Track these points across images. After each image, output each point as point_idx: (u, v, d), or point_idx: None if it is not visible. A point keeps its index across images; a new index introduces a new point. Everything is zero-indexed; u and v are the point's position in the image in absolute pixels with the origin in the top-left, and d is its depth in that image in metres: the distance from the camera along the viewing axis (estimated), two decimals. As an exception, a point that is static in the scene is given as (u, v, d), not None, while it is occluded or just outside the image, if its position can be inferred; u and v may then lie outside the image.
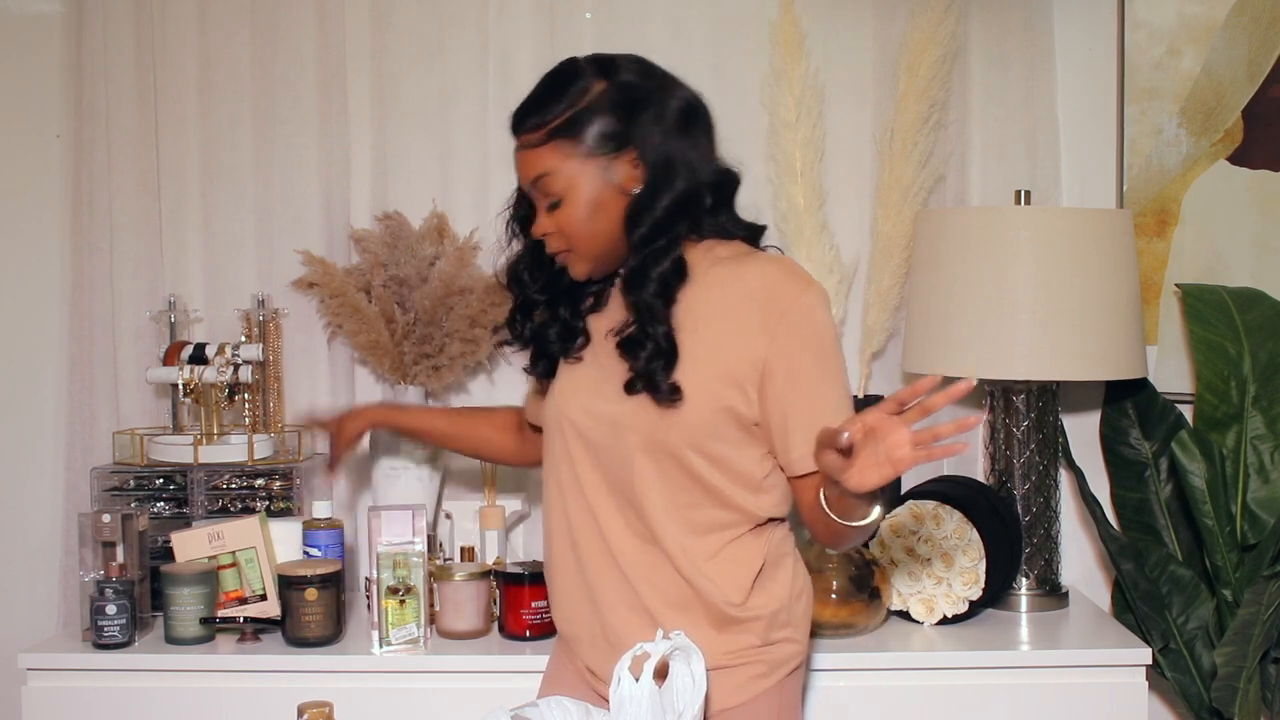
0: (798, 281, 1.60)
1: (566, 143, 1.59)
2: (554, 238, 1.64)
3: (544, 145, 1.60)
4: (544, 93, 1.62)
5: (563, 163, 1.60)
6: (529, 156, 1.62)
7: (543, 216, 1.64)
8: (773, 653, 1.66)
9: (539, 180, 1.62)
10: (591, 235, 1.63)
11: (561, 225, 1.62)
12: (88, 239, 2.50)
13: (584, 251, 1.64)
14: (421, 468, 2.36)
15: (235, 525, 2.18)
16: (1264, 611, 2.11)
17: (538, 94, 1.63)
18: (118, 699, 2.08)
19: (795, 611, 1.69)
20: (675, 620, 1.62)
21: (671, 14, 2.50)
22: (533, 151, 1.61)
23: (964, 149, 2.50)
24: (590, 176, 1.60)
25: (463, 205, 2.51)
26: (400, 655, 2.08)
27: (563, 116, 1.59)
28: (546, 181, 1.61)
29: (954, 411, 2.54)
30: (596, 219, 1.62)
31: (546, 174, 1.60)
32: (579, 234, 1.62)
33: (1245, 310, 2.35)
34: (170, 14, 2.51)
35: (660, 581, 1.64)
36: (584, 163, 1.60)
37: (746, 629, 1.64)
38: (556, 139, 1.60)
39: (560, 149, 1.60)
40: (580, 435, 1.66)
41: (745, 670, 1.65)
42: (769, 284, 1.59)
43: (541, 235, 1.65)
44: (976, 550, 2.21)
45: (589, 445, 1.66)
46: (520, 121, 1.63)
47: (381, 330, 2.39)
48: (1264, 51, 2.43)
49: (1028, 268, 2.20)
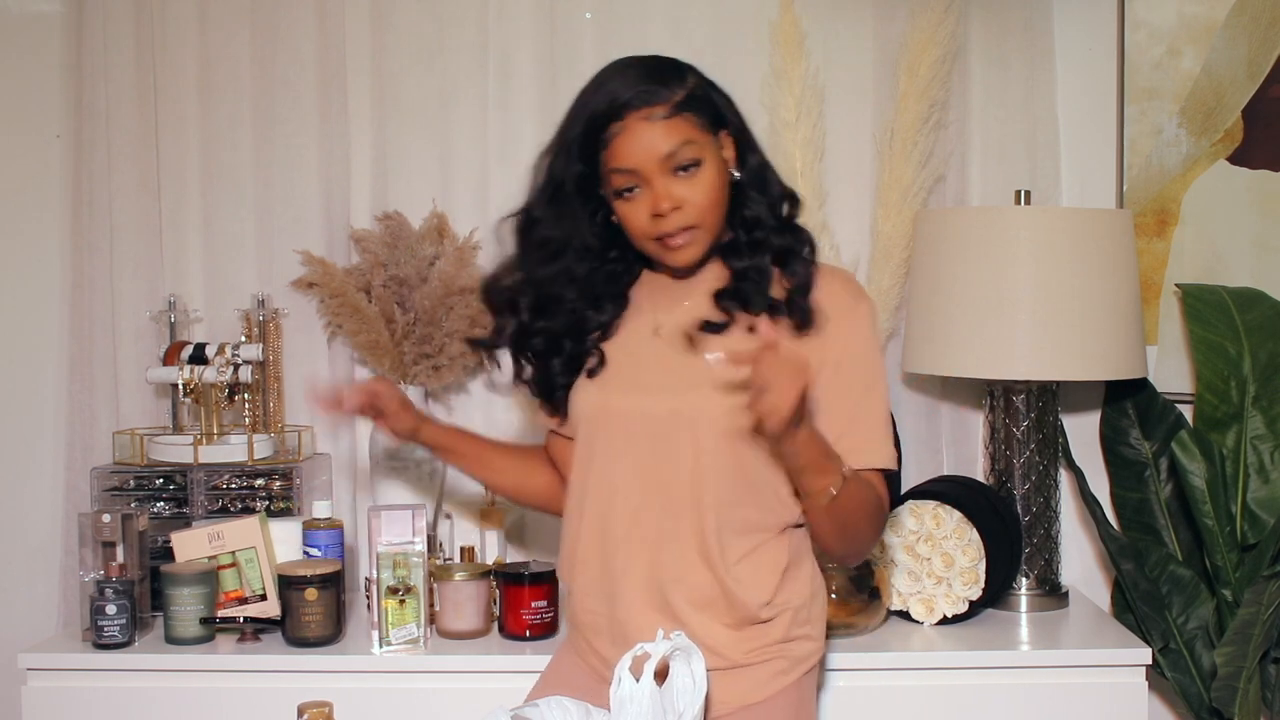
0: (856, 292, 1.71)
1: (693, 115, 1.63)
2: (680, 213, 1.63)
3: (675, 116, 1.61)
4: (657, 72, 1.64)
5: (695, 133, 1.62)
6: (661, 128, 1.61)
7: (676, 187, 1.62)
8: (793, 649, 1.70)
9: (675, 152, 1.61)
10: (720, 211, 1.66)
11: (697, 199, 1.63)
12: (88, 239, 2.49)
13: (710, 224, 1.66)
14: (421, 467, 2.36)
15: (235, 525, 2.18)
16: (1264, 611, 2.11)
17: (649, 75, 1.63)
18: (118, 699, 2.08)
19: (813, 610, 1.73)
20: (696, 620, 1.65)
21: (671, 14, 2.50)
22: (665, 123, 1.61)
23: (964, 149, 2.50)
24: (714, 153, 1.65)
25: (463, 205, 2.51)
26: (400, 655, 2.08)
27: (682, 93, 1.63)
28: (684, 152, 1.61)
29: (954, 411, 2.54)
30: (722, 196, 1.66)
31: (685, 144, 1.61)
32: (711, 205, 1.64)
33: (1245, 310, 2.35)
34: (170, 14, 2.51)
35: (690, 580, 1.66)
36: (707, 136, 1.64)
37: (770, 626, 1.67)
38: (685, 111, 1.62)
39: (689, 120, 1.62)
40: (627, 431, 1.68)
41: (767, 667, 1.68)
42: (830, 294, 1.68)
43: (668, 211, 1.63)
44: (976, 550, 2.21)
45: (637, 441, 1.67)
46: (645, 94, 1.61)
47: (381, 330, 2.39)
48: (1264, 51, 2.43)
49: (1028, 268, 2.20)
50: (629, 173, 1.62)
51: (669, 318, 1.72)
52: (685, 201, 1.62)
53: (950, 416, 2.54)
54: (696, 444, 1.64)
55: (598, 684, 1.69)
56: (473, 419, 2.52)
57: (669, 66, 1.66)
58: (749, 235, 1.69)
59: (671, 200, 1.62)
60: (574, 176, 1.65)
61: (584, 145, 1.63)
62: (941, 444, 2.53)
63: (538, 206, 1.70)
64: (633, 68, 1.65)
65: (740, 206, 1.69)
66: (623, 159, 1.62)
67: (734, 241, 1.70)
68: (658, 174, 1.62)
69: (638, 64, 1.66)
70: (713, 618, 1.66)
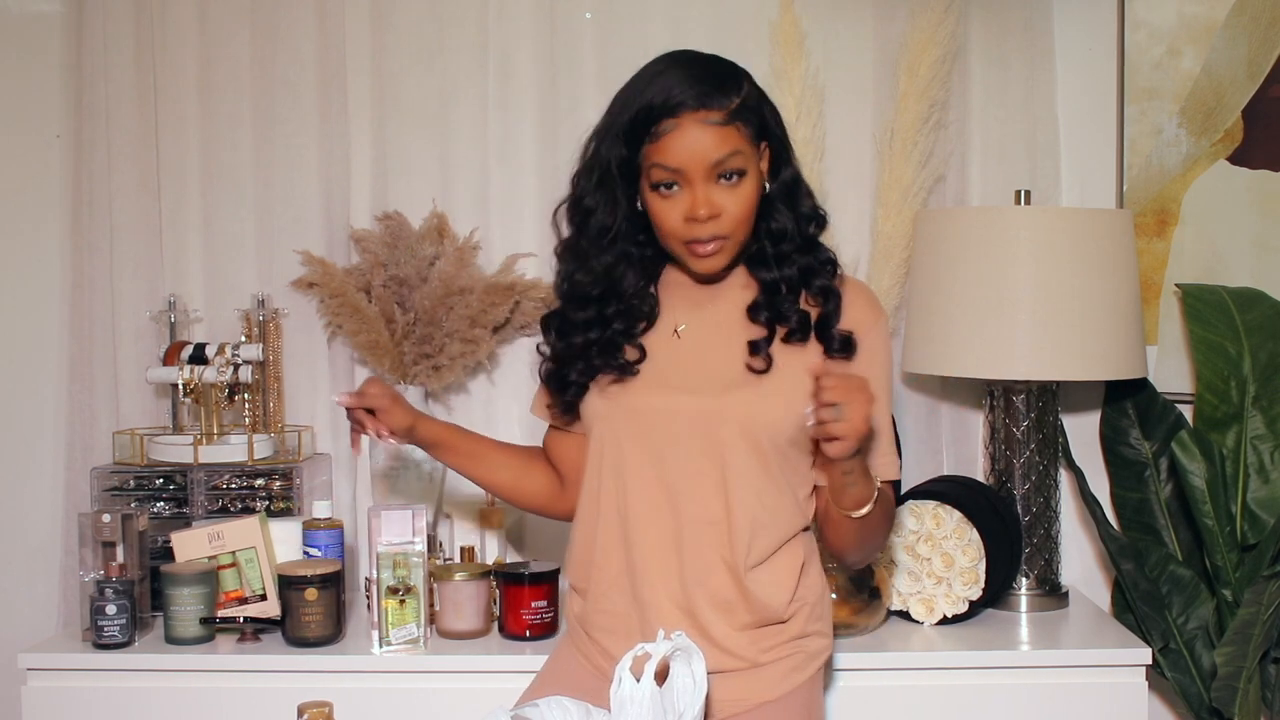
0: (875, 308, 1.74)
1: (745, 124, 1.62)
2: (716, 222, 1.63)
3: (729, 125, 1.61)
4: (717, 75, 1.62)
5: (744, 144, 1.62)
6: (715, 133, 1.60)
7: (708, 199, 1.62)
8: (807, 645, 1.72)
9: (725, 160, 1.61)
10: (751, 217, 1.66)
11: (734, 209, 1.63)
12: (88, 239, 2.49)
13: (739, 236, 1.66)
14: (421, 467, 2.36)
15: (235, 525, 2.18)
16: (1264, 611, 2.11)
17: (709, 76, 1.62)
18: (118, 699, 2.08)
19: (824, 606, 1.76)
20: (717, 621, 1.67)
21: (671, 14, 2.50)
22: (719, 129, 1.60)
23: (964, 149, 2.50)
24: (754, 165, 1.65)
25: (463, 205, 2.51)
26: (400, 655, 2.08)
27: (738, 100, 1.62)
28: (733, 161, 1.61)
29: (954, 411, 2.54)
30: (757, 203, 1.66)
31: (735, 153, 1.61)
32: (745, 217, 1.65)
33: (1245, 310, 2.35)
34: (170, 14, 2.51)
35: (712, 582, 1.68)
36: (752, 148, 1.64)
37: (788, 625, 1.70)
38: (738, 120, 1.61)
39: (741, 129, 1.62)
40: (648, 432, 1.68)
41: (783, 664, 1.70)
42: (854, 309, 1.71)
43: (706, 217, 1.62)
44: (976, 550, 2.21)
45: (659, 442, 1.67)
46: (704, 96, 1.60)
47: (381, 330, 2.39)
48: (1264, 51, 2.43)
49: (1028, 268, 2.20)
50: (674, 170, 1.62)
51: (690, 319, 1.72)
52: (723, 210, 1.62)
53: (950, 416, 2.54)
54: (721, 447, 1.65)
55: (601, 683, 1.69)
56: (473, 419, 2.52)
57: (729, 71, 1.65)
58: (775, 248, 1.70)
59: (710, 208, 1.62)
60: (618, 159, 1.64)
61: (630, 132, 1.62)
62: (941, 444, 2.53)
63: (589, 194, 1.69)
64: (695, 64, 1.64)
65: (767, 218, 1.69)
66: (670, 156, 1.61)
67: (760, 252, 1.71)
68: (701, 178, 1.61)
69: (700, 61, 1.65)
70: (733, 619, 1.68)
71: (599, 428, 1.73)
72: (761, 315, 1.69)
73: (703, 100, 1.60)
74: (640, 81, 1.64)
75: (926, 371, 2.32)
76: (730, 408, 1.65)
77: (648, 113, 1.60)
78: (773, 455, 1.66)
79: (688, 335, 1.72)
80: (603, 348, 1.72)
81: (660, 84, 1.61)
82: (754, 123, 1.64)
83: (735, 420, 1.65)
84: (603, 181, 1.67)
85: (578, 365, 1.73)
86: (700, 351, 1.70)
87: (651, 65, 1.65)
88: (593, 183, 1.68)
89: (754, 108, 1.64)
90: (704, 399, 1.66)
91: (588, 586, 1.76)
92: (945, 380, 2.51)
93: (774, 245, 1.70)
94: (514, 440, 2.51)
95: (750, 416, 1.65)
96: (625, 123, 1.62)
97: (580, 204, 1.70)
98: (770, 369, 1.67)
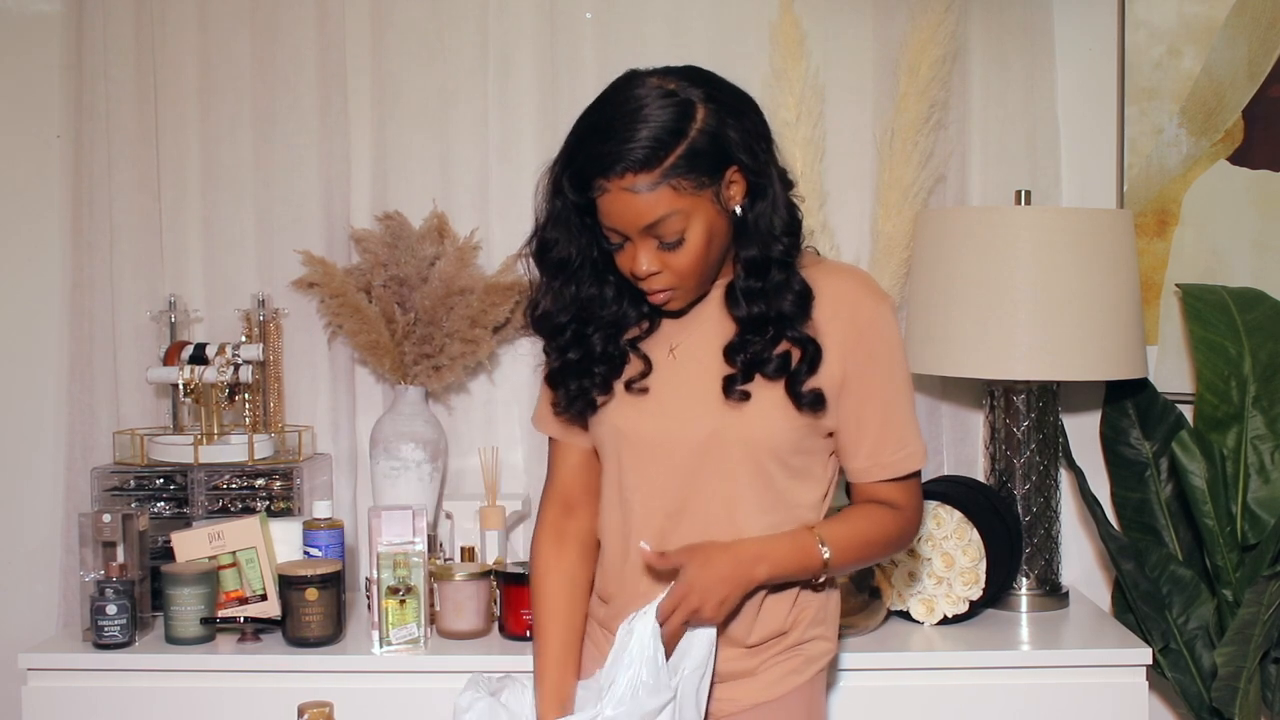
0: (875, 295, 1.64)
1: (685, 180, 1.50)
2: (660, 277, 1.56)
3: (659, 187, 1.49)
4: (651, 134, 1.49)
5: (681, 201, 1.51)
6: (641, 202, 1.50)
7: (649, 257, 1.54)
8: (808, 649, 1.70)
9: (657, 224, 1.51)
10: (706, 268, 1.57)
11: (678, 265, 1.54)
12: (88, 239, 2.49)
13: (692, 286, 1.58)
14: (421, 468, 2.36)
15: (235, 525, 2.18)
16: (1264, 611, 2.11)
17: (636, 136, 1.49)
18: (118, 699, 2.08)
19: (828, 610, 1.73)
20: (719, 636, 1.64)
21: (671, 14, 2.50)
22: (646, 196, 1.49)
23: (964, 149, 2.50)
24: (706, 209, 1.53)
25: (463, 205, 2.51)
26: (400, 655, 2.08)
27: (677, 153, 1.49)
28: (666, 224, 1.51)
29: (954, 411, 2.54)
30: (712, 250, 1.56)
31: (667, 216, 1.51)
32: (693, 271, 1.56)
33: (1245, 310, 2.35)
34: (170, 14, 2.51)
35: None
36: (699, 196, 1.52)
37: (787, 634, 1.68)
38: (673, 178, 1.49)
39: (679, 188, 1.50)
40: (651, 452, 1.64)
41: (781, 666, 1.68)
42: (850, 298, 1.62)
43: (646, 275, 1.55)
44: (976, 550, 2.21)
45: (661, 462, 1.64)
46: (622, 162, 1.49)
47: (381, 330, 2.39)
48: (1264, 51, 2.43)
49: (1028, 268, 2.20)
50: (611, 229, 1.55)
51: (681, 340, 1.66)
52: (665, 268, 1.55)
53: (950, 416, 2.54)
54: (726, 465, 1.62)
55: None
56: (473, 419, 2.53)
57: (671, 114, 1.50)
58: (744, 281, 1.60)
59: (650, 265, 1.55)
60: (572, 205, 1.58)
61: (575, 186, 1.55)
62: (942, 444, 2.53)
63: (548, 226, 1.62)
64: (623, 122, 1.50)
65: (744, 245, 1.58)
66: (606, 217, 1.54)
67: (733, 285, 1.61)
68: (639, 237, 1.54)
69: (628, 117, 1.50)
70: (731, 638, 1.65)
71: (604, 447, 1.70)
72: (736, 359, 1.60)
73: (630, 164, 1.48)
74: (580, 130, 1.55)
75: (927, 372, 2.32)
76: (725, 428, 1.61)
77: (581, 173, 1.53)
78: (776, 470, 1.63)
79: (680, 354, 1.66)
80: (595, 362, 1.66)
81: (590, 146, 1.51)
82: (703, 165, 1.50)
83: (731, 440, 1.61)
84: (560, 218, 1.60)
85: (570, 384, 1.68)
86: (692, 373, 1.64)
87: (589, 114, 1.55)
88: (552, 216, 1.61)
89: (703, 151, 1.50)
90: (697, 420, 1.62)
91: (615, 595, 1.71)
92: (945, 380, 2.51)
93: (745, 278, 1.59)
94: (514, 440, 2.54)
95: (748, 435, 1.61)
96: (572, 174, 1.55)
97: (542, 235, 1.63)
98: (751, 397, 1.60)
